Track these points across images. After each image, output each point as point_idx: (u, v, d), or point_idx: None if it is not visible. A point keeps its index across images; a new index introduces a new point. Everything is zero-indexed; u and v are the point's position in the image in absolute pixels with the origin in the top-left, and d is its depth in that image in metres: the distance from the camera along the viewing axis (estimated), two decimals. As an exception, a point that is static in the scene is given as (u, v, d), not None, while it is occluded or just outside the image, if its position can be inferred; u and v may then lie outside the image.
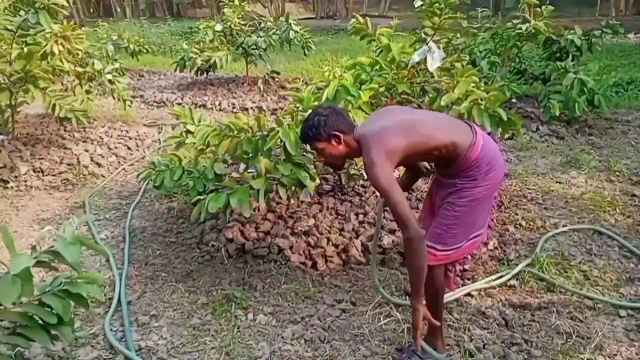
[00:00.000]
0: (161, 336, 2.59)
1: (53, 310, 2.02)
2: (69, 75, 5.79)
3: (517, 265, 3.14)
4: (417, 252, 2.05)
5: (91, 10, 26.79)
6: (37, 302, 2.04)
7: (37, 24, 4.77)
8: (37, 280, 1.97)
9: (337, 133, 2.24)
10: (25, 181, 4.63)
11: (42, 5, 4.69)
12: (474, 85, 3.83)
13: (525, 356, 2.42)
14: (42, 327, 2.02)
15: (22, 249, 3.11)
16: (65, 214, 4.10)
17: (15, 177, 4.65)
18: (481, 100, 3.72)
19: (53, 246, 1.99)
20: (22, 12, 4.87)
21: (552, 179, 4.55)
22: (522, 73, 7.06)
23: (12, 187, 4.56)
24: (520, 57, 7.04)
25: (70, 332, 2.09)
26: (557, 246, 3.40)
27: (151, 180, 3.60)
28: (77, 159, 5.07)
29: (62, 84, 6.21)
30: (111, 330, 2.62)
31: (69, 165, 4.96)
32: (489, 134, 5.53)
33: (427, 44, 3.82)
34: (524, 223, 3.71)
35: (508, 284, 2.99)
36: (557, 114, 5.67)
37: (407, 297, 2.82)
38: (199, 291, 2.98)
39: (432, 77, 3.97)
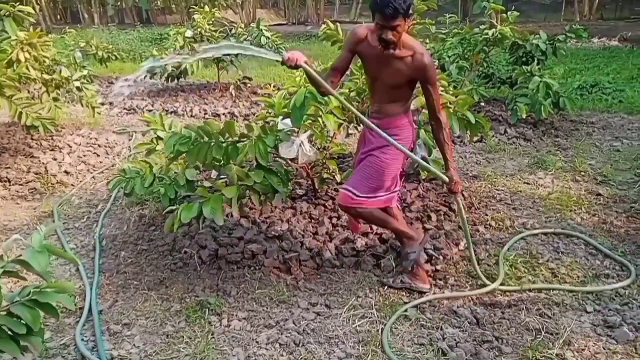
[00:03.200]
0: (134, 345, 2.56)
1: (22, 321, 1.99)
2: (36, 83, 5.69)
3: (487, 265, 3.20)
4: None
5: (58, 17, 26.32)
6: (5, 313, 2.00)
7: (3, 32, 4.68)
8: (5, 291, 1.93)
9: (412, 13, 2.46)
10: (-10, 191, 4.53)
11: (8, 13, 4.61)
12: (442, 89, 3.90)
13: (497, 353, 2.47)
14: (11, 338, 1.98)
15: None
16: (34, 223, 4.02)
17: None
18: (450, 103, 3.80)
19: (21, 255, 1.96)
20: (-14, 20, 4.77)
21: (520, 179, 4.65)
22: (490, 77, 7.21)
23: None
24: (487, 62, 7.18)
25: (40, 343, 2.05)
26: (526, 245, 3.48)
27: (121, 187, 3.56)
28: (45, 167, 4.97)
29: (29, 91, 6.09)
30: (82, 340, 2.57)
31: (36, 174, 4.87)
32: (457, 136, 5.65)
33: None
34: (493, 223, 3.79)
35: (479, 282, 3.04)
36: (524, 116, 5.82)
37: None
38: (172, 298, 2.96)
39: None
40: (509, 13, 6.38)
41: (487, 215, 3.91)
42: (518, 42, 6.73)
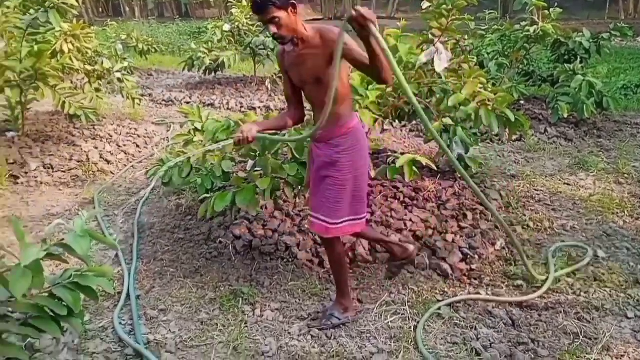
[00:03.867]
0: (169, 330, 2.61)
1: (63, 303, 2.04)
2: (79, 74, 5.85)
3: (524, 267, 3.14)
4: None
5: (100, 9, 26.96)
6: (47, 294, 2.07)
7: (47, 23, 4.81)
8: (46, 274, 1.99)
9: (294, 2, 2.23)
10: (35, 177, 4.68)
11: (52, 5, 4.73)
12: (481, 86, 3.84)
13: (532, 356, 2.42)
14: (52, 319, 2.04)
15: (33, 243, 3.14)
16: (75, 209, 4.14)
17: (26, 173, 4.69)
18: (489, 101, 3.73)
19: (63, 239, 2.01)
20: (32, 11, 4.92)
21: (560, 180, 4.54)
22: (530, 75, 7.05)
23: (22, 183, 4.60)
24: (528, 59, 7.03)
25: (80, 324, 2.11)
26: (565, 247, 3.39)
27: (160, 177, 3.63)
28: (87, 155, 5.11)
29: (72, 82, 6.27)
30: (120, 323, 2.64)
31: (78, 162, 5.00)
32: (496, 135, 5.55)
33: (434, 45, 3.83)
34: (531, 224, 3.71)
35: (515, 284, 2.99)
36: (566, 115, 5.67)
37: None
38: (206, 287, 3.00)
39: (440, 78, 3.98)
40: (551, 10, 6.22)
41: (525, 215, 3.83)
42: (560, 39, 6.57)
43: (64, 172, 4.84)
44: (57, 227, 3.31)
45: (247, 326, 2.66)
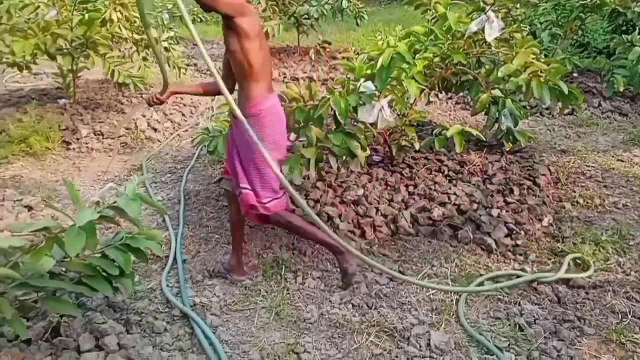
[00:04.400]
0: (214, 294, 2.68)
1: (115, 263, 2.12)
2: (127, 42, 5.94)
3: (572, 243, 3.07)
4: None
5: (146, -21, 27.18)
6: (100, 255, 2.15)
7: (98, -8, 4.89)
8: (98, 236, 2.06)
9: None
10: (86, 143, 4.82)
11: (101, -27, 4.80)
12: (533, 57, 3.69)
13: (578, 333, 2.38)
14: (104, 278, 2.12)
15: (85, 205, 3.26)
16: (124, 175, 4.26)
17: (77, 139, 4.85)
18: (541, 72, 3.59)
19: (115, 202, 2.08)
20: (83, -21, 5.00)
21: (613, 156, 4.37)
22: (585, 46, 6.74)
23: (74, 149, 4.75)
24: (583, 30, 6.70)
25: (131, 285, 2.19)
26: (616, 224, 3.28)
27: (205, 145, 3.69)
28: (135, 123, 5.23)
29: (120, 50, 6.37)
30: (167, 285, 2.73)
31: (127, 129, 5.13)
32: (546, 108, 5.37)
33: (485, 13, 3.69)
34: (581, 201, 3.59)
35: (562, 261, 2.92)
36: (621, 89, 5.39)
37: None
38: (250, 253, 3.06)
39: (490, 47, 3.85)
40: (610, -22, 5.88)
41: (574, 192, 3.71)
42: (619, 9, 6.20)
43: (113, 139, 4.97)
44: (109, 190, 3.42)
45: (289, 293, 2.70)
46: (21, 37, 4.72)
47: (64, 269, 2.15)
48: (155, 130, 5.24)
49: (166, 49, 6.00)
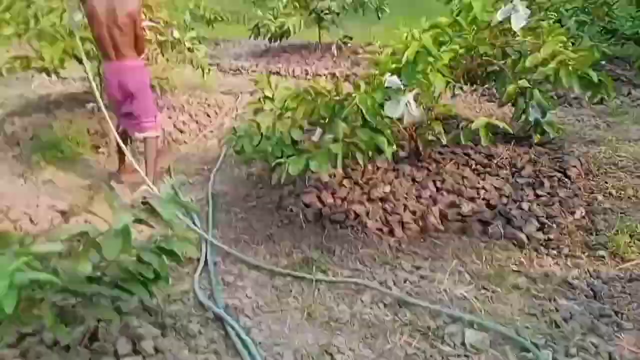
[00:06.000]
0: (246, 295, 2.70)
1: (151, 266, 2.15)
2: (151, 44, 6.00)
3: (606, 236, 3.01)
4: None
5: (167, -20, 27.40)
6: (136, 258, 2.19)
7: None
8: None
9: None
10: (114, 147, 4.89)
11: (125, -24, 4.84)
12: (561, 45, 3.62)
13: (615, 328, 2.33)
14: (140, 282, 2.15)
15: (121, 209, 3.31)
16: (154, 177, 4.31)
17: (106, 142, 4.93)
18: (569, 61, 3.52)
19: (150, 204, 2.10)
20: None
21: (646, 146, 4.26)
22: (613, 33, 6.56)
23: (103, 153, 4.84)
24: (611, 16, 6.53)
25: (166, 287, 2.23)
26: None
27: (232, 146, 3.71)
28: (161, 125, 5.28)
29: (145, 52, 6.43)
30: (200, 288, 2.76)
31: (153, 131, 5.18)
32: (575, 97, 5.25)
33: (511, 1, 3.63)
34: (614, 192, 3.52)
35: (596, 254, 2.86)
36: (653, 76, 5.27)
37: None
38: (279, 253, 3.08)
39: (516, 37, 3.78)
40: (639, -40, 5.72)
41: (607, 183, 3.63)
42: (648, -7, 6.05)
43: (140, 141, 5.02)
44: (143, 192, 3.46)
45: (320, 293, 2.71)
46: (49, 42, 4.81)
47: (99, 273, 2.19)
48: (181, 132, 5.29)
49: (189, 50, 6.04)
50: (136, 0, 3.68)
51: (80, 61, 4.99)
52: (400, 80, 3.02)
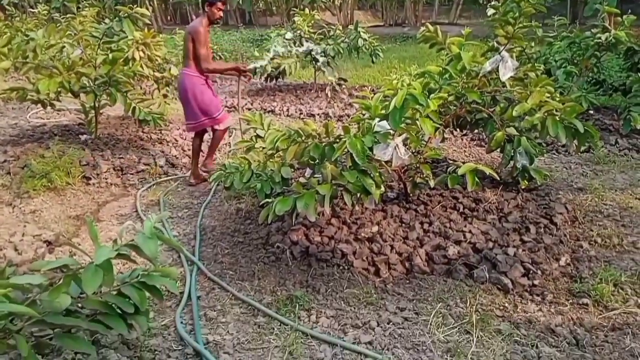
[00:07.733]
0: (228, 331, 2.68)
1: (130, 300, 2.14)
2: (148, 80, 6.11)
3: (590, 284, 3.01)
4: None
5: (168, 17, 28.03)
6: (116, 292, 2.18)
7: (121, 32, 5.07)
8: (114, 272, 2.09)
9: None
10: (106, 179, 4.92)
11: (126, 14, 4.99)
12: (548, 95, 3.72)
13: (597, 378, 2.32)
14: (120, 316, 2.14)
15: (103, 242, 3.30)
16: (142, 210, 4.32)
17: (97, 174, 4.95)
18: (556, 111, 3.61)
19: (133, 240, 2.11)
20: (107, 20, 5.19)
21: (631, 195, 4.32)
22: (601, 84, 6.75)
23: (93, 184, 4.85)
24: (599, 67, 6.73)
25: (146, 322, 2.21)
26: (635, 265, 3.22)
27: (221, 181, 3.74)
28: (154, 159, 5.33)
29: (141, 87, 6.55)
30: (181, 323, 2.73)
31: (146, 164, 5.23)
32: (562, 146, 5.35)
33: (499, 53, 3.75)
34: (599, 240, 3.55)
35: (580, 302, 2.87)
36: (638, 126, 5.38)
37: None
38: (264, 290, 3.06)
39: (504, 86, 3.89)
40: (624, 17, 5.94)
41: (592, 230, 3.67)
42: (634, 47, 6.24)
43: (132, 174, 5.06)
44: (127, 228, 3.47)
45: (301, 332, 2.68)
46: (46, 75, 4.89)
47: (79, 305, 2.18)
48: (173, 165, 5.33)
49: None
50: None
51: (76, 95, 5.08)
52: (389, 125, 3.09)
